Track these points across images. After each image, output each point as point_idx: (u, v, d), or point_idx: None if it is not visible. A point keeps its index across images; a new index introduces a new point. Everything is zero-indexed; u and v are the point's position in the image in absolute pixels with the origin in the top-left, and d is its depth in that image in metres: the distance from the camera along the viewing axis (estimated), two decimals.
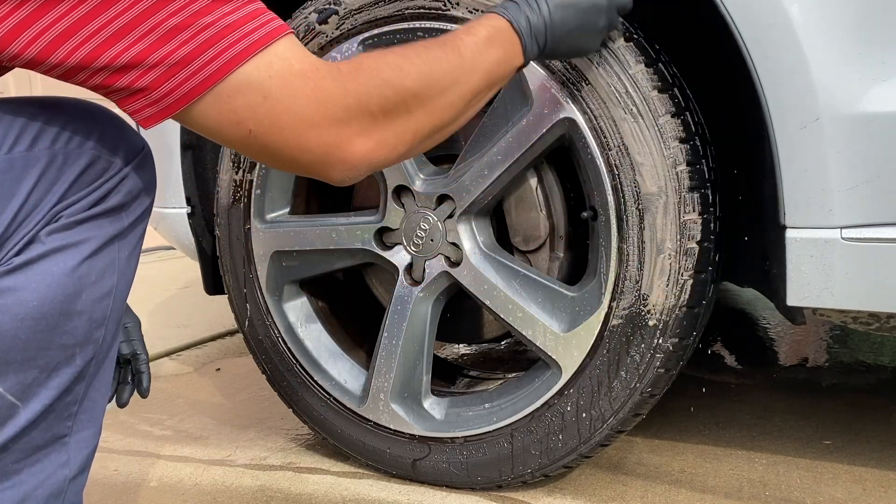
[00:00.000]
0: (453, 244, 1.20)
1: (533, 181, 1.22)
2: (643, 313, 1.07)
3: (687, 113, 1.05)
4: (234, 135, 0.74)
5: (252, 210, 1.34)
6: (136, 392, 1.11)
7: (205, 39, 0.68)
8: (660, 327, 1.07)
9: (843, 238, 0.95)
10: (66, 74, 0.69)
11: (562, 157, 1.20)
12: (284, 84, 0.72)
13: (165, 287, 3.30)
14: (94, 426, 0.85)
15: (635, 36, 1.06)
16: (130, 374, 1.11)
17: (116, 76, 0.68)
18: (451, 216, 1.20)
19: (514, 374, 1.39)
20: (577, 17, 0.91)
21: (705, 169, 1.06)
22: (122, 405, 1.10)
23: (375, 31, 1.19)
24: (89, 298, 0.78)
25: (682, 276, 1.05)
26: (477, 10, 1.10)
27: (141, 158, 0.81)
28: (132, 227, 0.81)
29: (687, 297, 1.05)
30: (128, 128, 0.81)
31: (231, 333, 2.39)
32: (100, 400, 0.85)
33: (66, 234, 0.75)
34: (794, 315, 1.08)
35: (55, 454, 0.81)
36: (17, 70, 0.74)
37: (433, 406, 1.28)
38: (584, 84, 1.06)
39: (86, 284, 0.77)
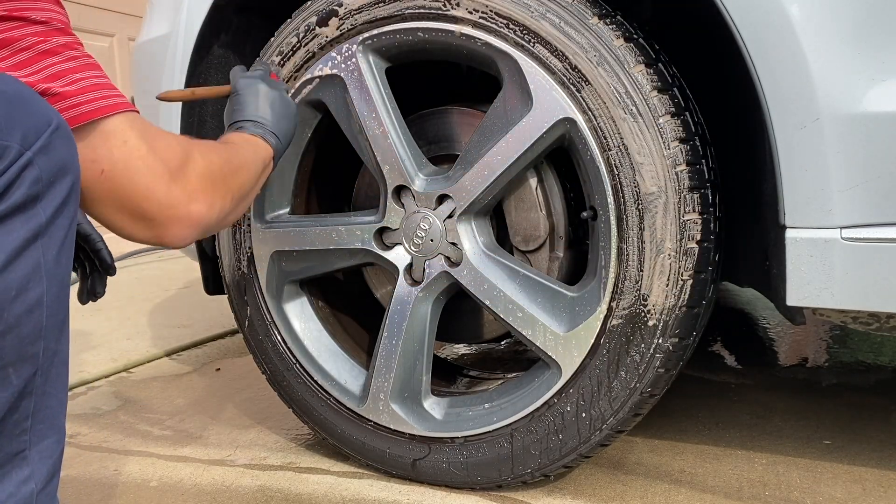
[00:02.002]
0: (453, 244, 1.20)
1: (533, 181, 1.22)
2: (643, 313, 1.07)
3: (687, 113, 1.06)
4: (87, 173, 0.78)
5: (252, 210, 1.34)
6: (104, 275, 1.07)
7: (87, 85, 0.78)
8: (660, 327, 1.07)
9: (842, 238, 0.95)
10: None
11: (562, 157, 1.20)
12: (142, 135, 0.82)
13: (165, 287, 3.31)
14: (56, 433, 0.78)
15: (635, 36, 1.06)
16: (91, 261, 1.06)
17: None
18: (451, 216, 1.20)
19: (514, 374, 1.39)
20: (289, 122, 1.15)
21: (705, 169, 1.06)
22: (98, 296, 1.07)
23: (375, 32, 1.19)
24: (13, 315, 0.68)
25: (682, 276, 1.05)
26: (476, 11, 1.10)
27: (49, 135, 0.69)
28: (54, 218, 0.71)
29: (687, 297, 1.05)
30: (24, 101, 0.69)
31: (231, 333, 2.39)
32: (57, 406, 0.77)
33: None
34: (794, 315, 1.08)
35: (15, 471, 0.75)
36: None
37: (433, 406, 1.28)
38: (584, 84, 1.06)
39: (4, 302, 0.67)
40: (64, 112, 0.75)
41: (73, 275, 0.97)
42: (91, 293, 1.07)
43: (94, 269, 1.07)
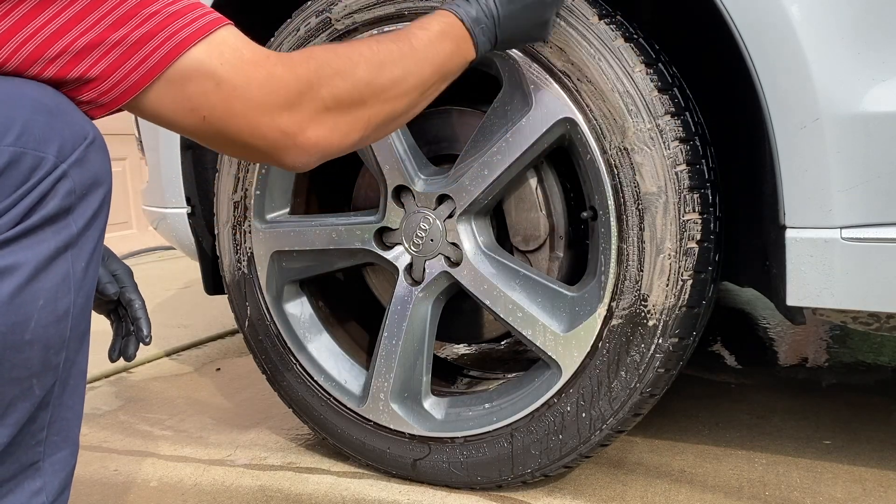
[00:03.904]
0: (453, 244, 1.20)
1: (533, 181, 1.22)
2: (643, 313, 1.07)
3: (687, 113, 1.06)
4: (189, 122, 0.74)
5: (252, 210, 1.34)
6: (138, 342, 1.07)
7: (153, 26, 0.69)
8: (660, 327, 1.07)
9: (842, 238, 0.95)
10: (21, 66, 0.66)
11: (562, 157, 1.20)
12: (237, 71, 0.73)
13: (165, 287, 3.31)
14: (70, 446, 0.77)
15: (635, 36, 1.06)
16: (130, 324, 1.05)
17: (70, 66, 0.68)
18: (451, 216, 1.20)
19: (514, 374, 1.39)
20: (524, 12, 0.94)
21: (705, 169, 1.06)
22: (129, 359, 1.05)
23: (375, 32, 1.19)
24: (41, 325, 0.68)
25: (682, 275, 1.05)
26: None
27: (84, 149, 0.70)
28: (85, 230, 0.71)
29: (687, 297, 1.05)
30: (63, 113, 0.69)
31: (231, 333, 2.39)
32: (72, 419, 0.77)
33: None
34: (794, 315, 1.08)
35: (28, 482, 0.74)
36: None
37: (433, 406, 1.28)
38: (584, 84, 1.06)
39: (32, 311, 0.66)
40: (141, 64, 0.69)
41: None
42: (123, 354, 1.06)
43: (129, 334, 1.06)
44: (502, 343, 2.01)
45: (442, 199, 1.20)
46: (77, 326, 0.72)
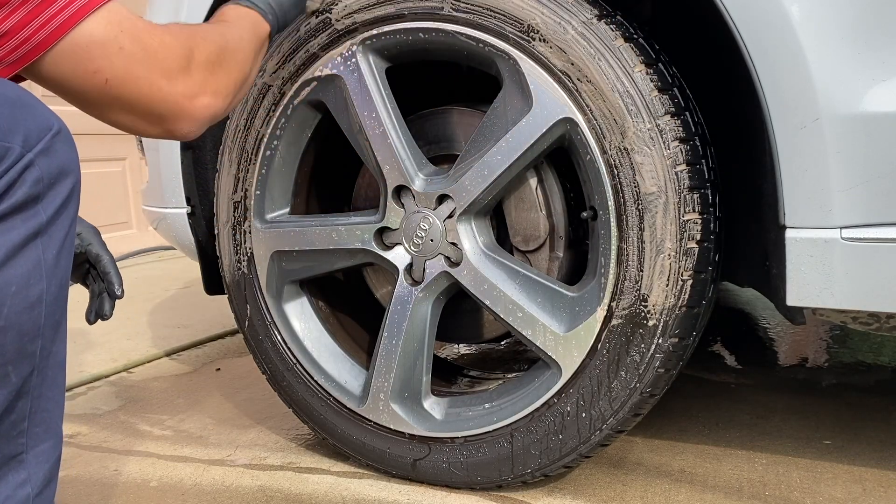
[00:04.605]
0: (453, 244, 1.20)
1: (533, 181, 1.22)
2: (643, 313, 1.07)
3: (687, 113, 1.06)
4: (90, 85, 0.77)
5: (252, 210, 1.34)
6: (111, 298, 1.07)
7: None
8: (660, 327, 1.07)
9: (842, 238, 0.95)
10: None
11: (562, 157, 1.20)
12: (135, 37, 0.79)
13: (165, 287, 3.31)
14: (53, 437, 0.79)
15: (635, 36, 1.06)
16: (101, 282, 1.06)
17: None
18: (450, 216, 1.20)
19: (514, 374, 1.39)
20: (291, 2, 1.11)
21: (705, 169, 1.06)
22: (105, 317, 1.06)
23: (375, 32, 1.19)
24: (14, 311, 0.69)
25: (682, 276, 1.05)
26: (475, 11, 1.10)
27: (50, 139, 0.72)
28: (55, 219, 0.73)
29: (687, 297, 1.05)
30: (26, 105, 0.71)
31: (231, 333, 2.39)
32: (54, 409, 0.78)
33: None
34: (794, 315, 1.08)
35: (12, 474, 0.75)
36: None
37: (433, 406, 1.28)
38: (584, 84, 1.06)
39: (5, 297, 0.68)
40: (47, 23, 0.74)
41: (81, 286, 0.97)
42: (98, 314, 1.07)
43: (102, 291, 1.08)
44: (502, 343, 2.01)
45: (442, 198, 1.20)
46: (51, 314, 0.74)
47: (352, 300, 1.47)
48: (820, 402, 1.59)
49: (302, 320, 1.38)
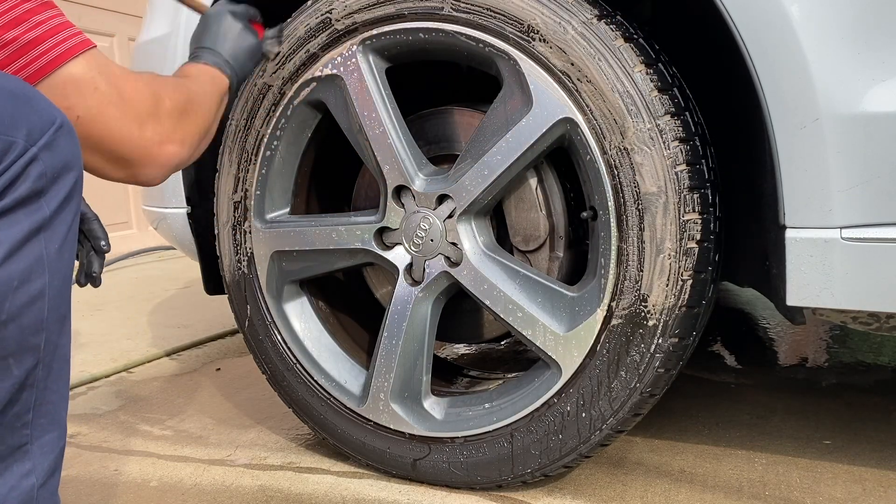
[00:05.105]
0: (453, 244, 1.20)
1: (533, 181, 1.22)
2: (643, 313, 1.07)
3: (687, 113, 1.06)
4: None
5: (252, 210, 1.34)
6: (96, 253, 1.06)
7: (42, 32, 0.78)
8: (660, 327, 1.07)
9: (842, 238, 0.95)
10: None
11: (562, 157, 1.20)
12: (111, 81, 0.83)
13: (165, 287, 3.31)
14: (58, 428, 0.80)
15: (635, 36, 1.06)
16: (87, 243, 1.05)
17: None
18: (451, 216, 1.20)
19: (514, 374, 1.39)
20: (240, 51, 1.16)
21: (705, 169, 1.06)
22: (93, 275, 1.04)
23: (375, 32, 1.19)
24: (15, 305, 0.70)
25: (681, 276, 1.05)
26: (475, 11, 1.10)
27: (54, 133, 0.72)
28: (57, 213, 0.73)
29: (687, 297, 1.05)
30: (30, 99, 0.72)
31: (231, 333, 2.39)
32: (58, 402, 0.79)
33: None
34: (794, 315, 1.08)
35: (17, 465, 0.76)
36: None
37: (433, 406, 1.28)
38: (584, 84, 1.06)
39: (7, 291, 0.69)
40: (33, 62, 0.77)
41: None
42: (88, 275, 1.06)
43: (90, 251, 1.06)
44: (502, 343, 2.01)
45: (442, 198, 1.20)
46: (55, 308, 0.75)
47: (352, 300, 1.47)
48: (820, 402, 1.59)
49: (302, 320, 1.38)
